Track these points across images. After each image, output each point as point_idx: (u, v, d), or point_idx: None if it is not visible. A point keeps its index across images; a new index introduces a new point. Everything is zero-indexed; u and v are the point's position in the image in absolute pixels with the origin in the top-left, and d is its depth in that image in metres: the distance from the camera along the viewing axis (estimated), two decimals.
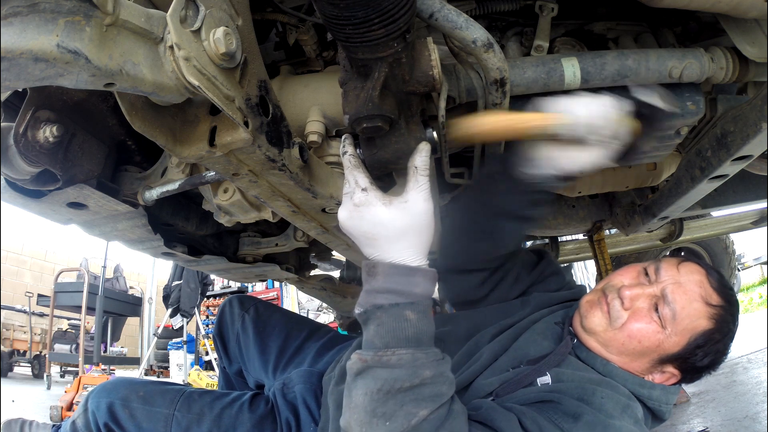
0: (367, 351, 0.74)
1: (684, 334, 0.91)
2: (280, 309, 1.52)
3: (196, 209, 1.28)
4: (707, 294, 0.93)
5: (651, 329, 0.92)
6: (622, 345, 0.93)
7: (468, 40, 0.79)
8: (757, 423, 2.10)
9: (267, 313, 1.45)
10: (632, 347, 0.93)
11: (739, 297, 6.47)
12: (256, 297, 1.62)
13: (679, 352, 0.92)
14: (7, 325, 6.63)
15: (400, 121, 0.88)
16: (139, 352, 7.75)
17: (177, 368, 6.85)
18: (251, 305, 1.47)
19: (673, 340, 0.91)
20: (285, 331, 1.39)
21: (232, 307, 1.48)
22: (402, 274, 0.75)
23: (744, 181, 1.87)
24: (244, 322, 1.42)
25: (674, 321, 0.91)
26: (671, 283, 0.94)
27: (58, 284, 6.15)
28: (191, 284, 6.28)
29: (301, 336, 1.39)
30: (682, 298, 0.92)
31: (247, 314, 1.43)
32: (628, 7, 1.16)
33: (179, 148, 0.67)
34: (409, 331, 0.73)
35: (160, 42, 0.53)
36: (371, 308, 0.75)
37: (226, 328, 1.47)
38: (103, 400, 1.11)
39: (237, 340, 1.42)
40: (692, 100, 1.08)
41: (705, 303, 0.92)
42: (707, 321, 0.91)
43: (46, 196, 0.89)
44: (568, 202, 2.00)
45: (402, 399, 0.71)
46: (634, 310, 0.94)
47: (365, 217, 0.75)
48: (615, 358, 0.95)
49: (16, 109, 0.77)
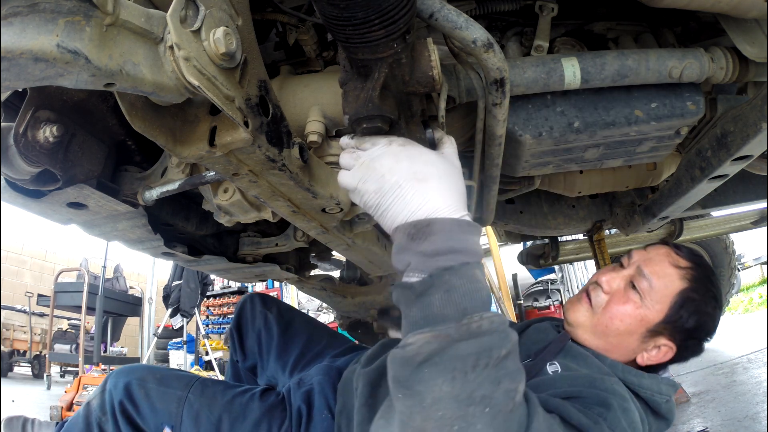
0: (441, 325, 0.57)
1: (664, 299, 0.98)
2: (301, 312, 1.55)
3: (196, 209, 1.28)
4: (675, 260, 1.03)
5: (631, 306, 1.00)
6: (607, 327, 1.00)
7: (468, 40, 0.79)
8: (757, 423, 2.10)
9: (289, 315, 1.47)
10: (616, 327, 0.99)
11: (739, 297, 6.46)
12: (276, 298, 1.64)
13: (663, 318, 0.98)
14: (7, 325, 6.64)
15: (400, 122, 0.88)
16: (139, 352, 7.75)
17: (177, 368, 6.86)
18: (274, 305, 1.49)
19: (655, 309, 0.98)
20: (307, 334, 1.42)
21: (254, 304, 1.50)
22: (464, 230, 0.63)
23: (744, 181, 1.87)
24: (267, 321, 1.44)
25: (652, 290, 0.99)
26: (642, 260, 1.04)
27: (58, 284, 6.15)
28: (191, 284, 6.28)
29: (322, 342, 1.42)
30: (654, 268, 1.01)
31: (270, 313, 1.45)
32: (628, 7, 1.16)
33: (179, 148, 0.67)
34: (483, 293, 0.61)
35: (160, 42, 0.53)
36: (437, 272, 0.59)
37: (246, 323, 1.48)
38: (121, 380, 1.14)
39: (258, 337, 1.44)
40: (692, 100, 1.08)
41: (675, 267, 1.01)
42: (681, 281, 1.00)
43: (46, 196, 0.89)
44: (568, 202, 2.00)
45: (496, 374, 0.57)
46: (613, 292, 1.03)
47: (414, 156, 0.66)
48: (606, 345, 1.01)
49: (16, 109, 0.77)
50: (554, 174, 1.60)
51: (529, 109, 1.08)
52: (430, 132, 0.90)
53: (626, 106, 1.08)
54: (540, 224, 1.97)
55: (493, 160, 1.13)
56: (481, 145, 1.10)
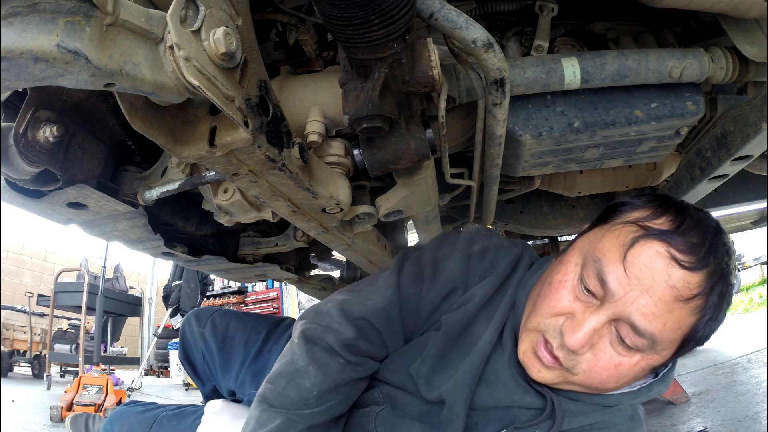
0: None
1: (672, 344, 0.73)
2: (236, 314, 1.44)
3: (196, 209, 1.28)
4: (683, 286, 0.69)
5: (626, 367, 0.74)
6: (599, 387, 0.77)
7: (468, 40, 0.79)
8: (757, 423, 2.10)
9: (223, 325, 1.38)
10: (613, 385, 0.77)
11: (739, 297, 6.44)
12: (211, 308, 1.57)
13: (671, 357, 0.77)
14: (7, 325, 6.63)
15: (400, 122, 0.88)
16: (139, 352, 7.76)
17: (177, 368, 6.86)
18: (207, 319, 1.41)
19: (661, 355, 0.75)
20: (244, 338, 1.34)
21: (191, 325, 1.42)
22: None
23: (744, 181, 1.88)
24: (205, 340, 1.37)
25: (655, 344, 0.72)
26: (632, 301, 0.70)
27: (58, 284, 6.15)
28: (191, 284, 6.29)
29: (260, 339, 1.33)
30: (654, 314, 0.69)
31: (205, 330, 1.38)
32: (628, 7, 1.16)
33: (179, 148, 0.66)
34: None
35: (160, 42, 0.53)
36: None
37: (190, 348, 1.41)
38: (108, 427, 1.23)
39: (203, 359, 1.37)
40: (692, 100, 1.08)
41: (684, 301, 0.69)
42: (692, 317, 0.71)
43: (46, 196, 0.89)
44: (568, 202, 2.00)
45: None
46: (594, 349, 0.74)
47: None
48: (599, 392, 0.81)
49: (16, 109, 0.77)
50: (554, 174, 1.60)
51: (529, 109, 1.08)
52: (430, 132, 0.90)
53: (626, 106, 1.08)
54: (540, 224, 1.97)
55: (493, 160, 1.13)
56: (481, 145, 1.10)
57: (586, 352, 0.74)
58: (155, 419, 1.22)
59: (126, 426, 1.22)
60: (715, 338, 0.90)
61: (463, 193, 1.43)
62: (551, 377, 0.78)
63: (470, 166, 1.25)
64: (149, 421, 1.22)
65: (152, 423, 1.21)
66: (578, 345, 0.73)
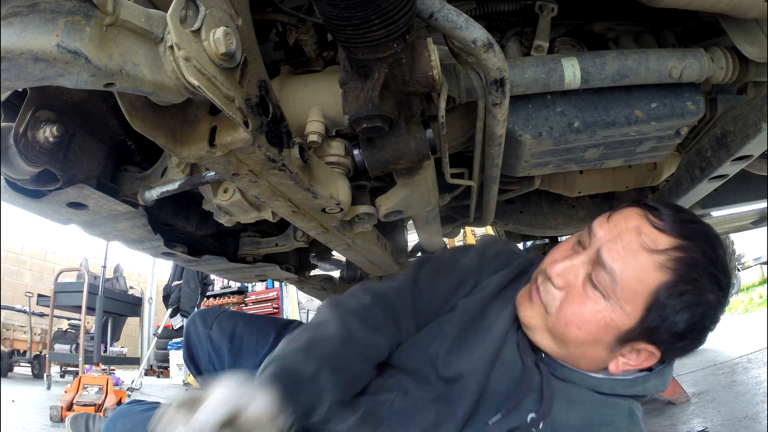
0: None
1: (635, 299, 0.74)
2: (242, 316, 1.45)
3: (196, 209, 1.28)
4: (650, 239, 0.74)
5: (589, 309, 0.76)
6: (564, 335, 0.79)
7: (468, 40, 0.79)
8: (757, 423, 2.10)
9: (230, 327, 1.38)
10: (575, 336, 0.77)
11: (739, 297, 6.42)
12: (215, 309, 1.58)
13: (639, 324, 0.75)
14: (7, 325, 6.63)
15: (400, 122, 0.88)
16: (139, 352, 7.75)
17: (177, 368, 6.85)
18: (213, 320, 1.40)
19: (625, 312, 0.75)
20: (253, 340, 1.34)
21: (196, 326, 1.41)
22: None
23: (744, 181, 1.87)
24: (212, 342, 1.37)
25: (616, 286, 0.74)
26: (605, 242, 0.77)
27: (58, 284, 6.14)
28: (191, 284, 6.28)
29: (269, 341, 1.33)
30: (619, 254, 0.74)
31: (212, 331, 1.37)
32: (628, 7, 1.16)
33: (179, 148, 0.67)
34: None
35: (160, 42, 0.53)
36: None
37: (195, 349, 1.41)
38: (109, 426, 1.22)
39: (209, 361, 1.37)
40: (692, 100, 1.08)
41: (649, 251, 0.73)
42: (659, 273, 0.73)
43: (46, 196, 0.89)
44: (568, 202, 2.00)
45: None
46: (569, 287, 0.79)
47: None
48: (569, 355, 0.82)
49: (16, 109, 0.77)
50: (554, 174, 1.60)
51: (529, 109, 1.08)
52: (430, 132, 0.90)
53: (626, 106, 1.08)
54: (540, 224, 1.97)
55: (493, 160, 1.13)
56: (481, 145, 1.10)
57: (561, 286, 0.80)
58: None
59: (129, 423, 1.20)
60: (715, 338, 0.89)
61: (463, 193, 1.43)
62: (533, 316, 0.83)
63: (470, 166, 1.25)
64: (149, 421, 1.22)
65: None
66: (555, 272, 0.80)
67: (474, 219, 1.68)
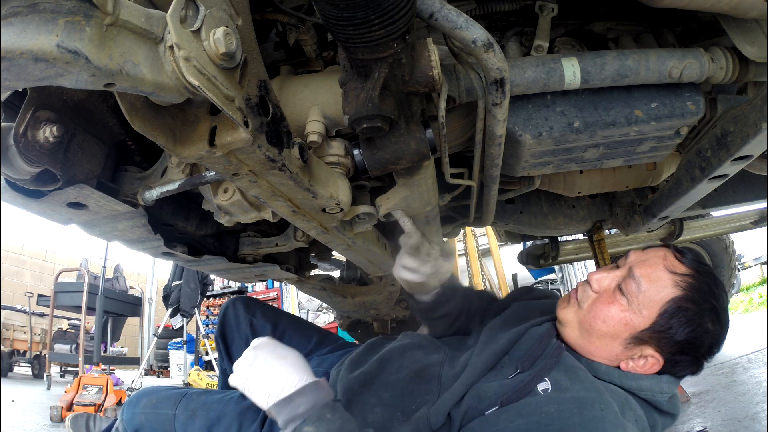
0: None
1: (652, 305, 0.91)
2: (285, 313, 1.53)
3: (196, 209, 1.28)
4: (671, 264, 0.94)
5: (616, 308, 0.94)
6: (590, 326, 0.96)
7: (468, 40, 0.79)
8: (757, 423, 2.10)
9: (274, 318, 1.45)
10: (599, 328, 0.95)
11: (739, 297, 6.42)
12: (258, 299, 1.63)
13: (650, 326, 0.91)
14: (7, 325, 6.63)
15: (400, 122, 0.88)
16: (139, 352, 7.76)
17: (177, 368, 6.86)
18: (257, 308, 1.47)
19: (642, 315, 0.92)
20: (296, 337, 1.41)
21: (237, 309, 1.47)
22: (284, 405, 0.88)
23: (744, 181, 1.88)
24: (253, 326, 1.43)
25: (640, 293, 0.92)
26: (636, 262, 0.98)
27: (58, 284, 6.15)
28: (191, 284, 6.28)
29: (312, 341, 1.41)
30: (646, 270, 0.94)
31: (255, 318, 1.44)
32: (628, 7, 1.16)
33: (179, 148, 0.67)
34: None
35: (160, 42, 0.53)
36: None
37: (231, 330, 1.46)
38: (128, 411, 1.25)
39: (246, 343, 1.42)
40: (692, 100, 1.08)
41: (669, 272, 0.93)
42: (674, 288, 0.91)
43: (46, 196, 0.89)
44: (568, 202, 2.00)
45: None
46: (602, 292, 0.98)
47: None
48: (590, 346, 0.97)
49: (16, 109, 0.77)
50: (554, 174, 1.60)
51: (529, 109, 1.08)
52: (430, 132, 0.90)
53: (626, 106, 1.08)
54: (540, 224, 1.97)
55: (493, 160, 1.13)
56: (481, 145, 1.10)
57: (597, 290, 0.99)
58: (184, 394, 1.25)
59: (154, 399, 1.24)
60: None
61: (463, 193, 1.43)
62: (569, 312, 1.02)
63: (470, 166, 1.25)
64: (178, 396, 1.24)
65: (181, 398, 1.23)
66: (594, 278, 1.00)
67: (474, 219, 1.69)
